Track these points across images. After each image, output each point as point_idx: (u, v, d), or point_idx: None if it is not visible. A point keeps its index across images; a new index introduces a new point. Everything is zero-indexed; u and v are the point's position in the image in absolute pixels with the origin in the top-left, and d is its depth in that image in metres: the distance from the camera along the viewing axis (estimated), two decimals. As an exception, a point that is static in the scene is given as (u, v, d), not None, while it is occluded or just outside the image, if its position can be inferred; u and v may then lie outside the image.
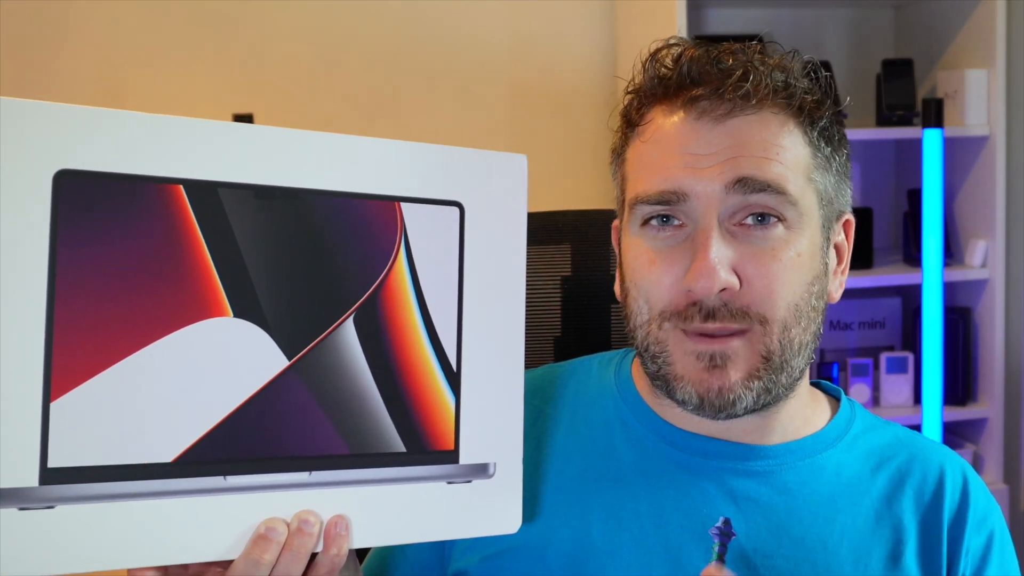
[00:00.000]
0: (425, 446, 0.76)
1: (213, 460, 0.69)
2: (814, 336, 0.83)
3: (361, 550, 0.87)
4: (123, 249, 0.67)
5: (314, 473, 0.72)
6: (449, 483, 0.77)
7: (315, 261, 0.73)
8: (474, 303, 0.78)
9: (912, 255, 2.28)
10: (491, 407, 0.79)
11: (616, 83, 0.90)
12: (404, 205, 0.76)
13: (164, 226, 0.69)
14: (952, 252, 2.30)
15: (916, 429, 1.07)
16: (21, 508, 0.65)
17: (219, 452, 0.69)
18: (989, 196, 2.22)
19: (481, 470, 0.78)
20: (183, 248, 0.69)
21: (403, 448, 0.75)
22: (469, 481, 0.78)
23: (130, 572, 0.70)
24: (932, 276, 2.09)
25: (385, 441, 0.75)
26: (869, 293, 2.40)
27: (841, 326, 2.42)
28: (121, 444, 0.67)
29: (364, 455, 0.74)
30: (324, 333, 0.73)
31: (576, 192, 2.36)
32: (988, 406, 2.25)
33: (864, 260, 2.27)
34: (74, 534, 0.66)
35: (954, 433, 2.34)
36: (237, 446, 0.70)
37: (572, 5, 2.42)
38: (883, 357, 2.28)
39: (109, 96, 2.27)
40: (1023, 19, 2.20)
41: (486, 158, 0.79)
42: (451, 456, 0.77)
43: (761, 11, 2.47)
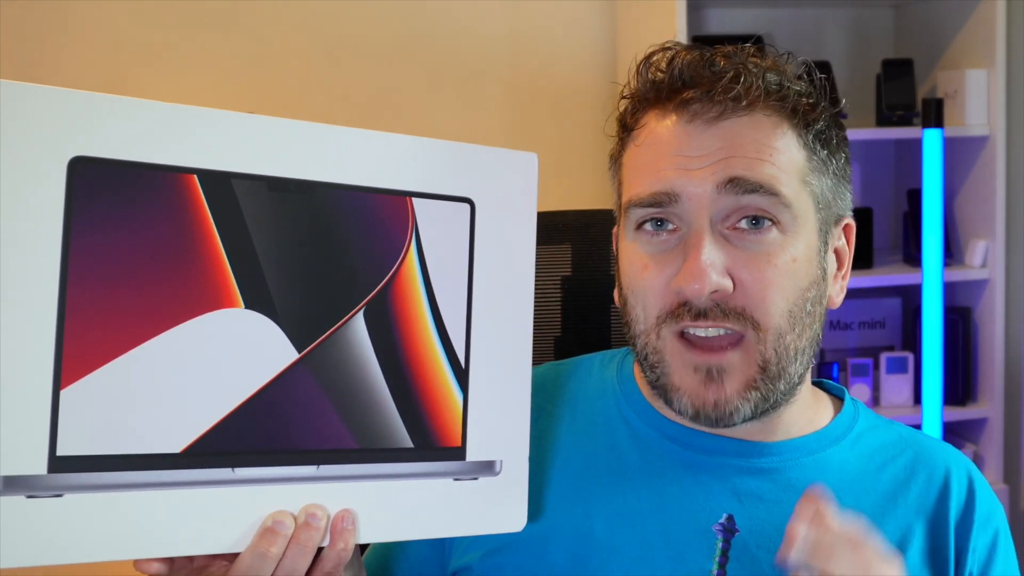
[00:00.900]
0: (433, 442, 0.76)
1: (221, 452, 0.69)
2: (811, 342, 0.83)
3: (360, 545, 0.87)
4: (136, 238, 0.67)
5: (322, 467, 0.72)
6: (455, 480, 0.77)
7: (327, 254, 0.73)
8: (483, 300, 0.78)
9: (912, 255, 2.28)
10: (498, 405, 0.79)
11: (615, 86, 0.91)
12: (416, 200, 0.76)
13: (177, 215, 0.69)
14: (952, 252, 2.30)
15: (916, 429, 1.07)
16: (29, 496, 0.64)
17: (227, 444, 0.69)
18: (989, 196, 2.22)
19: (487, 468, 0.78)
20: (195, 238, 0.69)
21: (411, 444, 0.75)
22: (475, 478, 0.78)
23: (136, 563, 0.70)
24: (932, 276, 2.09)
25: (393, 436, 0.75)
26: (869, 293, 2.40)
27: (841, 326, 2.42)
28: (129, 433, 0.67)
29: (372, 450, 0.74)
30: (334, 326, 0.73)
31: (576, 192, 2.36)
32: (988, 406, 2.25)
33: (864, 260, 2.27)
34: (81, 523, 0.66)
35: (954, 433, 2.34)
36: (245, 438, 0.70)
37: (572, 5, 2.42)
38: (883, 357, 2.28)
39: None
40: (1023, 19, 2.20)
41: (498, 155, 0.80)
42: (458, 453, 0.77)
43: (761, 11, 2.46)
